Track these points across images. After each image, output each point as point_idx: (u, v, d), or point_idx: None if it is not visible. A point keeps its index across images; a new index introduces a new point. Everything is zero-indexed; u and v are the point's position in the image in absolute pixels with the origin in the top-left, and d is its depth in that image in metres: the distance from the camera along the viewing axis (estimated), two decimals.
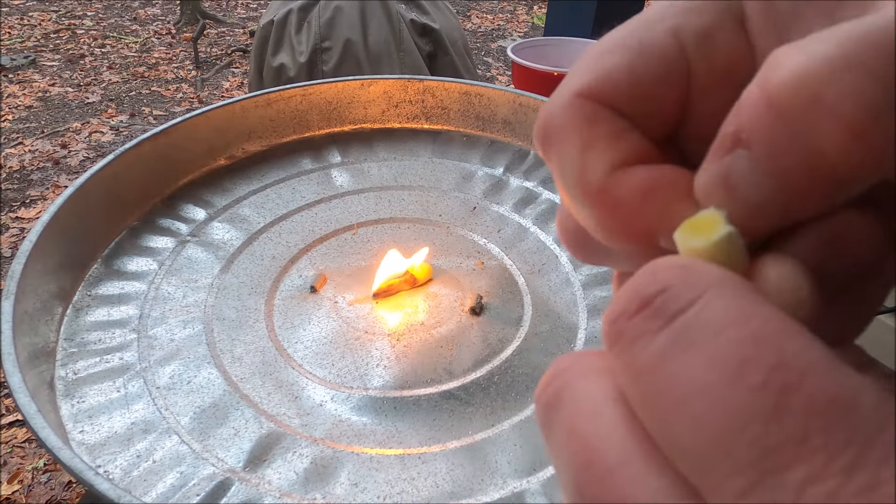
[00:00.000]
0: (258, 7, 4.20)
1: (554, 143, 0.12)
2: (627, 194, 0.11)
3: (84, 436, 0.35)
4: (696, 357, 0.08)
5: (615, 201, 0.11)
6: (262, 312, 0.44)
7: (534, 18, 4.13)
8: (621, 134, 0.12)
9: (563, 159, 0.12)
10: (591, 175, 0.11)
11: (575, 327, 0.44)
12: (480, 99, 0.62)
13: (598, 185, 0.11)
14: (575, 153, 0.12)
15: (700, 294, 0.09)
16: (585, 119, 0.12)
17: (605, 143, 0.11)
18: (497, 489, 0.34)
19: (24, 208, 2.00)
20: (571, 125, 0.12)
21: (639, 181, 0.11)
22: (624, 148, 0.11)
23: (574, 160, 0.12)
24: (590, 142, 0.12)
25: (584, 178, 0.12)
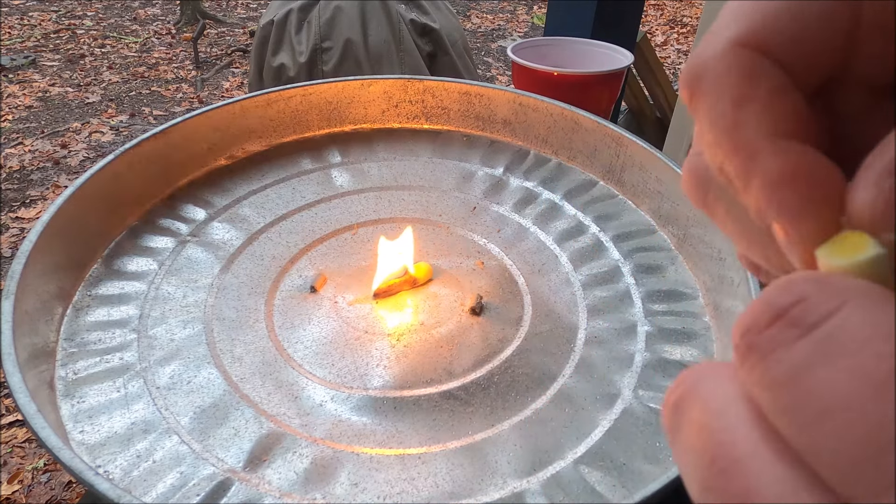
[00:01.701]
0: (258, 7, 4.20)
1: (706, 94, 0.11)
2: (776, 173, 0.11)
3: (84, 436, 0.35)
4: (840, 369, 0.08)
5: (764, 172, 0.11)
6: (262, 312, 0.44)
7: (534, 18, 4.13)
8: (782, 93, 0.11)
9: (714, 111, 0.11)
10: (745, 136, 0.11)
11: (575, 327, 0.44)
12: (480, 99, 0.62)
13: (750, 148, 0.11)
14: (729, 108, 0.11)
15: (840, 305, 0.09)
16: (745, 72, 0.11)
17: (765, 103, 0.11)
18: (497, 489, 0.34)
19: (24, 208, 2.00)
20: (728, 77, 0.11)
21: (790, 166, 0.10)
22: (783, 111, 0.11)
23: (728, 115, 0.11)
24: (748, 98, 0.11)
25: (737, 137, 0.11)
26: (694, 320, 0.44)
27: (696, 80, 0.12)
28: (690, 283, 0.47)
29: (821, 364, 0.08)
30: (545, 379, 0.40)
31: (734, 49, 0.11)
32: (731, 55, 0.11)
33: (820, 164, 0.11)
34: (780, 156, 0.11)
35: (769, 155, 0.11)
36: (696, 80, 0.12)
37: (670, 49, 3.69)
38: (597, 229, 0.52)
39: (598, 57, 0.78)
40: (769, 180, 0.11)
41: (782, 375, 0.09)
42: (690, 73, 0.12)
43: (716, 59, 0.11)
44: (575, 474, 0.34)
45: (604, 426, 0.37)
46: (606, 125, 0.55)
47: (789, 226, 0.11)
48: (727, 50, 0.11)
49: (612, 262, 0.49)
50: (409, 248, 0.46)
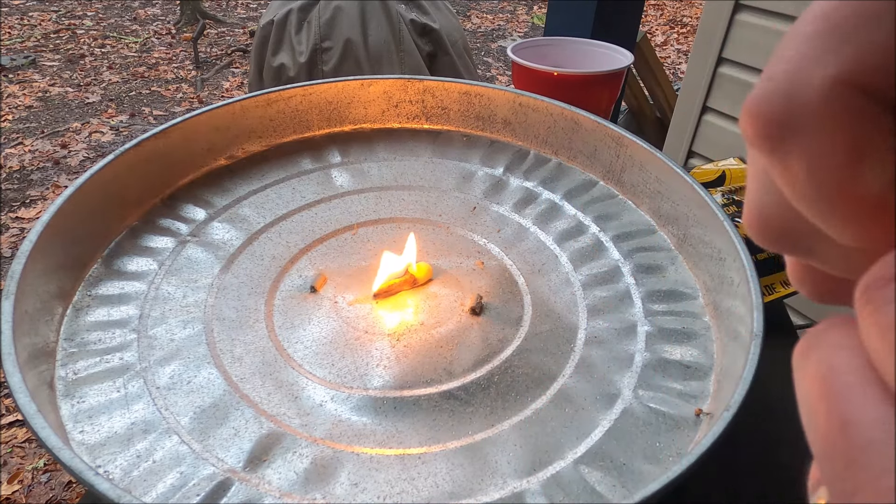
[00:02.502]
0: (258, 7, 4.20)
1: (804, 137, 0.10)
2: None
3: (84, 436, 0.35)
4: None
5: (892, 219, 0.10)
6: (262, 312, 0.44)
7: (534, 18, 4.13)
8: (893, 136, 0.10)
9: (818, 158, 0.10)
10: (864, 185, 0.10)
11: (575, 327, 0.44)
12: (480, 99, 0.62)
13: (875, 197, 0.10)
14: (840, 155, 0.10)
15: None
16: (854, 115, 0.10)
17: (883, 148, 0.10)
18: (497, 489, 0.34)
19: (24, 208, 2.00)
20: (834, 120, 0.10)
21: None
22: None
23: (838, 162, 0.10)
24: (863, 144, 0.10)
25: (852, 187, 0.10)
26: (694, 320, 0.44)
27: (788, 123, 0.10)
28: (690, 283, 0.47)
29: None
30: (545, 379, 0.40)
31: (836, 87, 0.10)
32: (836, 95, 0.10)
33: None
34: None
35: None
36: (789, 122, 0.10)
37: (670, 49, 3.69)
38: (597, 229, 0.52)
39: (598, 57, 0.78)
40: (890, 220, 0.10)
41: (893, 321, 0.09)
42: (780, 114, 0.10)
43: (818, 97, 0.10)
44: (575, 474, 0.34)
45: (604, 426, 0.37)
46: (606, 125, 0.55)
47: None
48: (830, 89, 0.10)
49: (612, 262, 0.49)
50: (411, 251, 0.46)
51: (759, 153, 0.11)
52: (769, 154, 0.11)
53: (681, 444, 0.36)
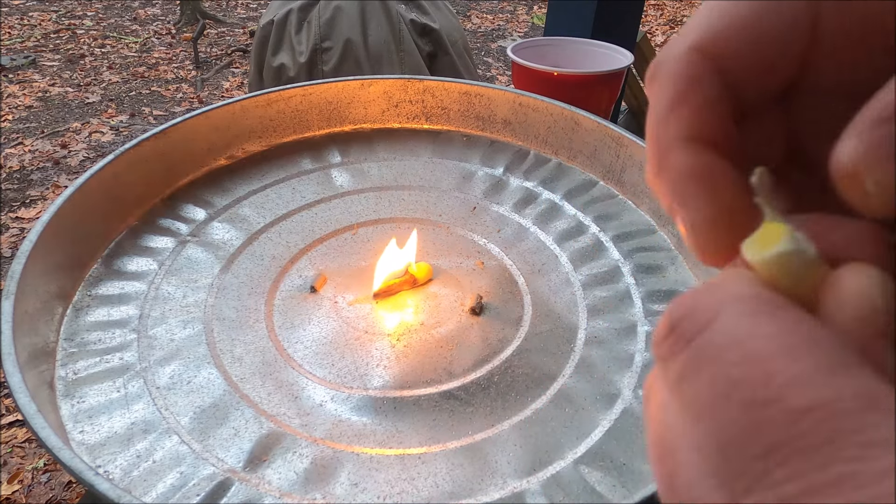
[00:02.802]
0: (258, 7, 4.20)
1: (654, 87, 0.13)
2: (680, 170, 0.12)
3: (84, 436, 0.35)
4: (704, 378, 0.10)
5: (671, 167, 0.12)
6: (262, 312, 0.44)
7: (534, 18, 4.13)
8: (713, 104, 0.12)
9: (654, 106, 0.13)
10: (668, 133, 0.12)
11: (575, 327, 0.44)
12: (480, 99, 0.62)
13: (667, 145, 0.12)
14: (663, 107, 0.12)
15: (713, 317, 0.10)
16: (688, 78, 0.12)
17: (693, 109, 0.12)
18: (497, 489, 0.34)
19: (24, 208, 2.00)
20: (673, 79, 0.12)
21: (693, 166, 0.12)
22: (706, 120, 0.12)
23: (662, 112, 0.12)
24: (681, 103, 0.12)
25: (661, 133, 0.12)
26: None
27: (652, 75, 0.13)
28: (690, 283, 0.47)
29: (692, 375, 0.10)
30: (545, 379, 0.40)
31: (688, 53, 0.12)
32: (684, 59, 0.12)
33: (720, 167, 0.12)
34: (687, 156, 0.12)
35: (678, 153, 0.12)
36: (652, 74, 0.13)
37: None
38: (597, 229, 0.52)
39: (598, 57, 0.78)
40: (673, 175, 0.12)
41: (672, 383, 0.10)
42: (652, 67, 0.13)
43: (671, 59, 0.13)
44: (575, 474, 0.34)
45: (604, 426, 0.37)
46: (606, 125, 0.55)
47: (687, 215, 0.12)
48: (682, 53, 0.12)
49: (612, 262, 0.49)
50: (412, 248, 0.46)
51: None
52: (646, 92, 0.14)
53: None
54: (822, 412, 0.08)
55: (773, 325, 0.09)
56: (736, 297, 0.10)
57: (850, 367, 0.09)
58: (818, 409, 0.08)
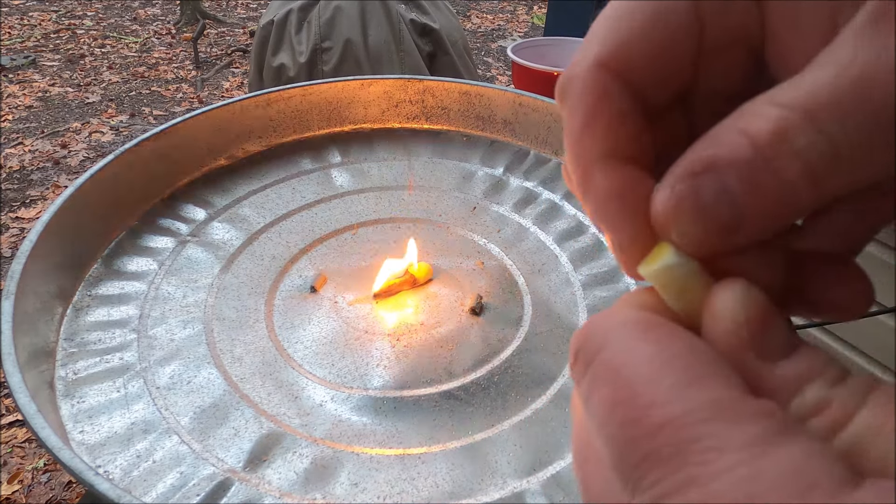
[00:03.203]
0: (258, 7, 4.20)
1: (566, 105, 0.13)
2: (602, 191, 0.13)
3: (84, 436, 0.35)
4: (597, 399, 0.11)
5: (594, 188, 0.13)
6: (262, 312, 0.44)
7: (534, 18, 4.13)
8: (624, 117, 0.13)
9: (568, 126, 0.13)
10: (586, 154, 0.13)
11: (575, 327, 0.44)
12: (480, 99, 0.62)
13: (587, 166, 0.13)
14: (578, 127, 0.13)
15: (603, 343, 0.11)
16: (596, 95, 0.13)
17: (606, 125, 0.13)
18: (497, 489, 0.34)
19: (24, 208, 2.00)
20: (582, 97, 0.13)
21: (614, 186, 0.12)
22: (620, 134, 0.13)
23: (576, 133, 0.13)
24: (593, 120, 0.13)
25: (580, 153, 0.13)
26: None
27: (561, 93, 0.13)
28: None
29: (591, 394, 0.11)
30: (545, 379, 0.40)
31: (593, 70, 0.13)
32: (590, 75, 0.13)
33: (639, 184, 0.12)
34: (608, 175, 0.12)
35: (599, 173, 0.13)
36: (562, 93, 0.13)
37: None
38: (596, 229, 0.52)
39: None
40: (597, 196, 0.13)
41: (582, 401, 0.12)
42: (560, 85, 0.13)
43: (578, 77, 0.13)
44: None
45: None
46: None
47: (611, 235, 0.13)
48: (587, 70, 0.13)
49: (612, 262, 0.49)
50: (412, 254, 0.46)
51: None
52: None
53: None
54: (671, 427, 0.10)
55: (647, 347, 0.11)
56: (621, 322, 0.11)
57: (703, 379, 0.10)
58: (668, 424, 0.10)
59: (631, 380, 0.10)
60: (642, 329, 0.11)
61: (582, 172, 0.13)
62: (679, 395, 0.10)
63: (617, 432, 0.10)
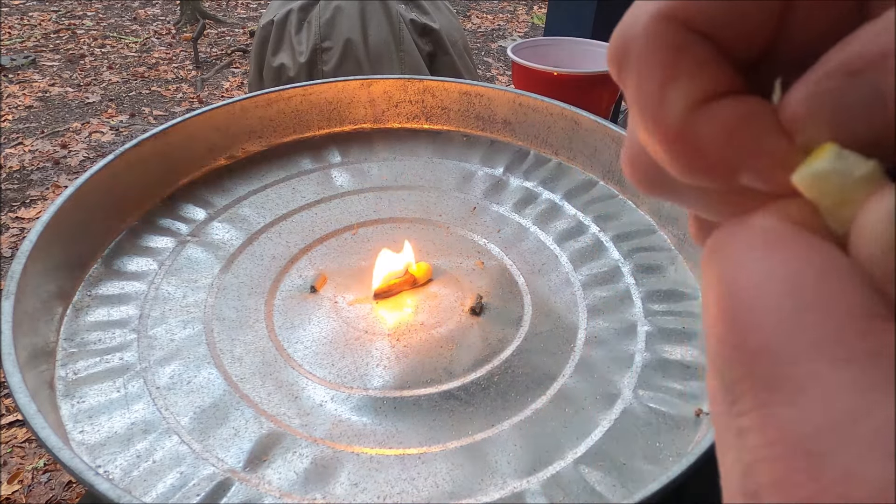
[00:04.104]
0: (258, 7, 4.19)
1: (632, 70, 0.11)
2: (710, 134, 0.10)
3: (84, 436, 0.35)
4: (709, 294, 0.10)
5: (697, 141, 0.11)
6: (262, 312, 0.44)
7: (534, 18, 4.13)
8: (706, 64, 0.11)
9: (641, 90, 0.11)
10: (672, 112, 0.11)
11: (575, 327, 0.44)
12: (480, 99, 0.62)
13: (678, 124, 0.11)
14: (655, 86, 0.11)
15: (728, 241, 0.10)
16: (668, 47, 0.11)
17: (688, 76, 0.11)
18: (497, 489, 0.34)
19: (24, 208, 2.00)
20: (652, 53, 0.11)
21: (724, 119, 0.10)
22: (708, 80, 0.11)
23: (653, 93, 0.11)
24: (672, 75, 0.11)
25: (664, 115, 0.11)
26: (694, 320, 0.44)
27: (622, 55, 0.11)
28: (690, 283, 0.47)
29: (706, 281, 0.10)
30: (545, 379, 0.40)
31: (658, 23, 0.11)
32: (656, 29, 0.11)
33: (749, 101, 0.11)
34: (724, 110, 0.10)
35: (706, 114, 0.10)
36: (622, 56, 0.11)
37: None
38: (597, 229, 0.52)
39: (598, 57, 0.78)
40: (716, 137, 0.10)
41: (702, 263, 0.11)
42: (616, 49, 0.11)
43: (643, 31, 0.11)
44: (575, 474, 0.34)
45: (604, 426, 0.37)
46: (606, 125, 0.55)
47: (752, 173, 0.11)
48: (651, 24, 0.11)
49: (612, 262, 0.49)
50: (409, 255, 0.46)
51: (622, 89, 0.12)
52: (621, 87, 0.12)
53: (681, 444, 0.36)
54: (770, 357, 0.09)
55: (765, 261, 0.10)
56: (752, 227, 0.10)
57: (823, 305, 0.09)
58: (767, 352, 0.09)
59: (740, 295, 0.09)
60: (774, 239, 0.10)
61: (676, 133, 0.11)
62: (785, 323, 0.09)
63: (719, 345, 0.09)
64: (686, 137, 0.11)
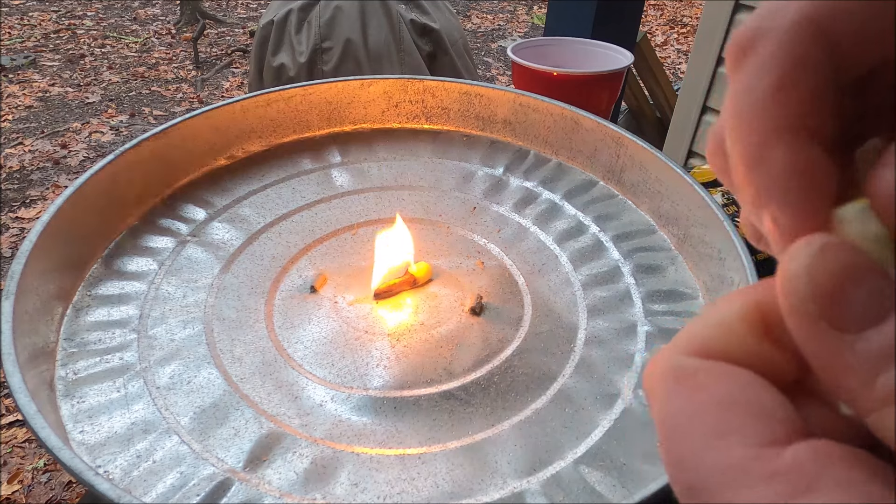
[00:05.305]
0: (258, 7, 4.19)
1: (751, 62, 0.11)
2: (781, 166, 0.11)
3: (84, 436, 0.35)
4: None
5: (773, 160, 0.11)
6: (262, 312, 0.44)
7: (534, 18, 4.13)
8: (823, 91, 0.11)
9: (754, 85, 0.11)
10: (766, 122, 0.11)
11: (575, 327, 0.44)
12: (480, 99, 0.62)
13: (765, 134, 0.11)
14: (767, 89, 0.11)
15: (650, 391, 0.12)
16: (797, 58, 0.11)
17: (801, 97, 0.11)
18: (497, 489, 0.34)
19: (24, 208, 2.00)
20: (778, 56, 0.11)
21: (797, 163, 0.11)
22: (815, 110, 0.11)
23: (763, 96, 0.11)
24: (788, 87, 0.11)
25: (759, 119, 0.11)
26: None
27: (747, 44, 0.11)
28: (690, 283, 0.47)
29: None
30: (545, 379, 0.40)
31: (801, 26, 0.11)
32: (794, 32, 0.11)
33: (823, 165, 0.11)
34: (794, 150, 0.11)
35: (784, 146, 0.11)
36: (749, 43, 0.11)
37: (670, 49, 3.68)
38: (597, 229, 0.52)
39: (598, 57, 0.78)
40: (775, 170, 0.11)
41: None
42: (744, 38, 0.11)
43: (778, 30, 0.11)
44: (575, 474, 0.34)
45: (604, 426, 0.37)
46: (606, 125, 0.55)
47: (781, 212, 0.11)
48: (794, 24, 0.11)
49: (612, 262, 0.49)
50: (407, 241, 0.46)
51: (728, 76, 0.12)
52: (729, 68, 0.12)
53: None
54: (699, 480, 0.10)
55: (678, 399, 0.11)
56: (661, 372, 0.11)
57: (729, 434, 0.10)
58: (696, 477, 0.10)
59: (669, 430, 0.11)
60: (677, 378, 0.11)
61: (759, 141, 0.11)
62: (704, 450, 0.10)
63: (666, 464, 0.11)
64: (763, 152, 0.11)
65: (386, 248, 0.45)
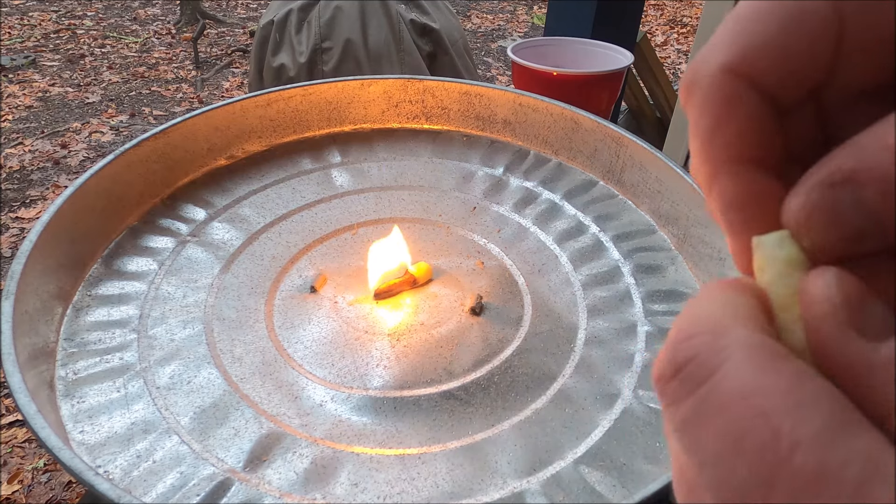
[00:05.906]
0: (258, 7, 4.19)
1: (693, 105, 0.13)
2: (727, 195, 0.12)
3: (84, 436, 0.35)
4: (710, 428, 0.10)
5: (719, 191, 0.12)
6: (262, 312, 0.44)
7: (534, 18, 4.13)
8: (754, 121, 0.12)
9: (697, 125, 0.13)
10: (714, 155, 0.12)
11: (575, 327, 0.44)
12: (480, 99, 0.62)
13: (715, 167, 0.12)
14: (707, 127, 0.12)
15: (721, 362, 0.10)
16: (726, 98, 0.12)
17: (734, 131, 0.12)
18: (497, 489, 0.34)
19: (24, 208, 2.00)
20: (710, 98, 0.12)
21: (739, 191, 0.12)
22: (750, 138, 0.12)
23: (705, 133, 0.12)
24: (721, 124, 0.12)
25: (709, 153, 0.13)
26: None
27: (689, 90, 0.13)
28: (690, 283, 0.47)
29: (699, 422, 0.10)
30: (545, 379, 0.40)
31: (722, 73, 0.12)
32: (718, 78, 0.12)
33: (765, 191, 0.12)
34: (734, 181, 0.12)
35: (725, 177, 0.12)
36: (689, 90, 0.13)
37: (670, 49, 3.68)
38: (597, 229, 0.52)
39: (598, 57, 0.78)
40: (722, 200, 0.12)
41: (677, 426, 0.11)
42: (686, 82, 0.13)
43: (706, 77, 0.12)
44: (575, 474, 0.34)
45: (604, 426, 0.37)
46: (606, 125, 0.55)
47: (730, 239, 0.13)
48: (716, 72, 0.12)
49: (612, 262, 0.49)
50: (402, 247, 0.46)
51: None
52: (683, 110, 0.13)
53: None
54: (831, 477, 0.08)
55: (778, 378, 0.09)
56: (741, 344, 0.10)
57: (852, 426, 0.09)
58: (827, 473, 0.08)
59: (768, 412, 0.09)
60: (771, 356, 0.10)
61: (708, 173, 0.13)
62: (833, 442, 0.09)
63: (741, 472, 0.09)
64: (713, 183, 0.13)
65: (379, 258, 0.45)
